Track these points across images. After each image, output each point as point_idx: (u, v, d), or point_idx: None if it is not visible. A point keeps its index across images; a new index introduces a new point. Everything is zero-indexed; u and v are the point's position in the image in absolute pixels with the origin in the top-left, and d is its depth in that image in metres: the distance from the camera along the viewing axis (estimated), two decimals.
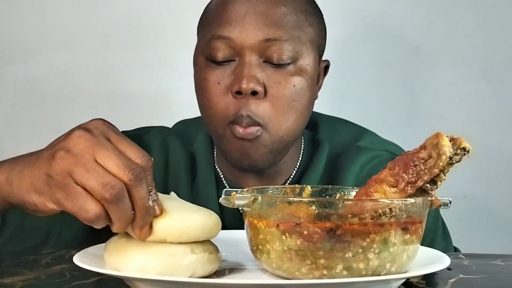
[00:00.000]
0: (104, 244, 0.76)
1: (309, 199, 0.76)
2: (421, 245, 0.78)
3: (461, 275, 0.82)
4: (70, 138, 0.68)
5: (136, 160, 0.68)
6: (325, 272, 0.68)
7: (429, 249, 0.81)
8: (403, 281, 0.74)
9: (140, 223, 0.68)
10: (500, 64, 1.72)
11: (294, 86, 0.98)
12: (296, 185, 0.85)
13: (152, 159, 0.70)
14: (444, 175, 0.71)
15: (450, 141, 0.70)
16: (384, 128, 1.24)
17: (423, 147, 0.71)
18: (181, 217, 0.71)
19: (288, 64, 0.98)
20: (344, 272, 0.67)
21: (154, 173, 1.09)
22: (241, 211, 0.77)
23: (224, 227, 1.04)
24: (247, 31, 0.97)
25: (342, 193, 0.84)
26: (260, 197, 0.71)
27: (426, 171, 0.70)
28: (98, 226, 0.68)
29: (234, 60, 0.98)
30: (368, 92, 1.72)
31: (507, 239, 1.67)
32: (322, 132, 1.14)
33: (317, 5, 1.07)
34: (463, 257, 0.95)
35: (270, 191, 0.83)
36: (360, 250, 0.67)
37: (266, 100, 0.97)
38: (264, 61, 0.98)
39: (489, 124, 1.71)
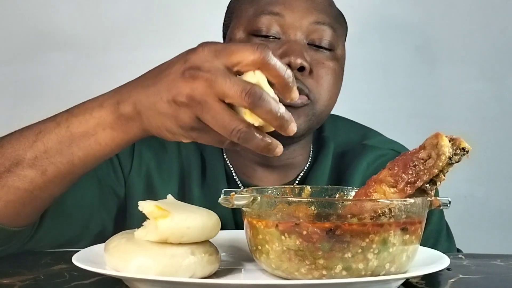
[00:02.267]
0: (103, 244, 0.76)
1: (309, 199, 0.76)
2: (425, 246, 0.78)
3: (461, 275, 0.82)
4: (186, 85, 0.68)
5: (254, 57, 0.67)
6: (324, 272, 0.68)
7: (429, 249, 0.81)
8: (402, 281, 0.74)
9: (283, 127, 0.68)
10: (500, 64, 1.72)
11: (334, 69, 1.03)
12: (296, 185, 0.85)
13: (267, 45, 0.71)
14: (444, 175, 0.70)
15: (450, 141, 0.70)
16: (384, 128, 1.24)
17: (422, 147, 0.71)
18: (183, 218, 0.71)
19: (328, 49, 1.03)
20: (344, 272, 0.67)
21: (171, 172, 1.09)
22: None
23: (237, 225, 1.03)
24: (299, 12, 1.01)
25: (341, 193, 0.84)
26: (259, 197, 0.71)
27: (425, 171, 0.70)
28: (231, 146, 0.70)
29: (279, 39, 1.01)
30: (368, 92, 1.72)
31: (507, 238, 1.67)
32: (327, 131, 1.15)
33: None
34: (463, 257, 0.95)
35: (270, 192, 0.82)
36: (360, 251, 0.67)
37: (311, 77, 1.01)
38: (307, 44, 1.02)
39: (489, 124, 1.71)
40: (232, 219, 1.05)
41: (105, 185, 1.05)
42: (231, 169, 1.11)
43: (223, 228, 0.80)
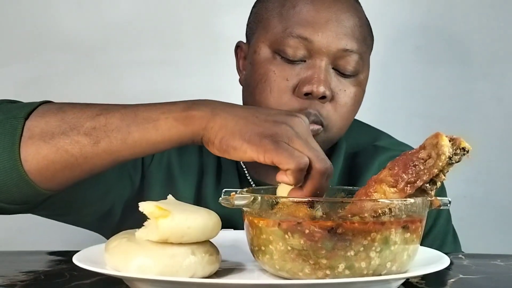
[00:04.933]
0: (104, 244, 0.76)
1: (309, 199, 0.76)
2: (431, 248, 0.78)
3: (461, 275, 0.82)
4: (292, 119, 0.77)
5: (316, 166, 0.74)
6: (328, 272, 0.68)
7: (429, 249, 0.81)
8: (403, 281, 0.74)
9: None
10: (500, 64, 1.72)
11: (355, 96, 1.03)
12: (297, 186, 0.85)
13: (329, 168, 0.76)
14: (444, 175, 0.70)
15: (450, 141, 0.70)
16: (384, 128, 1.24)
17: (422, 147, 0.71)
18: (183, 218, 0.71)
19: (352, 76, 1.02)
20: (346, 272, 0.67)
21: (191, 167, 1.10)
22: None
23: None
24: (328, 38, 0.99)
25: (342, 193, 0.84)
26: (259, 197, 0.71)
27: (425, 171, 0.70)
28: (299, 178, 0.73)
29: (304, 61, 1.00)
30: (368, 92, 1.72)
31: (507, 238, 1.67)
32: None
33: None
34: (463, 257, 0.95)
35: (270, 191, 0.82)
36: (362, 249, 0.67)
37: (329, 105, 1.00)
38: (332, 68, 1.01)
39: (489, 124, 1.71)
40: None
41: (124, 168, 1.06)
42: (244, 169, 1.11)
43: (234, 227, 0.80)
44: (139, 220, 0.75)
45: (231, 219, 0.78)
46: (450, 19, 1.72)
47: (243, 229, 0.77)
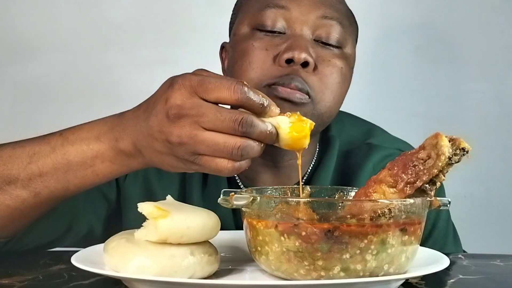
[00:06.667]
0: (103, 244, 0.76)
1: (308, 199, 0.76)
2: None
3: (460, 276, 0.82)
4: (173, 125, 0.70)
5: (232, 97, 0.69)
6: (322, 273, 0.67)
7: (429, 250, 0.81)
8: (402, 281, 0.74)
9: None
10: (500, 64, 1.72)
11: (341, 68, 0.98)
12: (296, 186, 0.85)
13: (244, 81, 0.70)
14: (443, 176, 0.70)
15: (450, 141, 0.70)
16: (384, 128, 1.24)
17: (422, 147, 0.71)
18: (182, 218, 0.71)
19: (336, 47, 0.98)
20: (342, 273, 0.67)
21: (172, 178, 1.07)
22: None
23: (237, 227, 1.01)
24: (306, 6, 0.97)
25: (341, 193, 0.83)
26: (258, 198, 0.71)
27: (425, 172, 0.69)
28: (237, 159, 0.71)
29: (284, 34, 0.97)
30: (368, 92, 1.72)
31: (507, 238, 1.67)
32: (333, 129, 1.12)
33: None
34: (462, 257, 0.95)
35: (269, 192, 0.82)
36: (358, 252, 0.67)
37: (315, 75, 0.96)
38: (314, 40, 0.98)
39: (489, 124, 1.71)
40: (232, 220, 1.04)
41: (95, 189, 1.01)
42: None
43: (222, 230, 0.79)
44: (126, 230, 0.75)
45: (222, 222, 0.77)
46: (450, 19, 1.72)
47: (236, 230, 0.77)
